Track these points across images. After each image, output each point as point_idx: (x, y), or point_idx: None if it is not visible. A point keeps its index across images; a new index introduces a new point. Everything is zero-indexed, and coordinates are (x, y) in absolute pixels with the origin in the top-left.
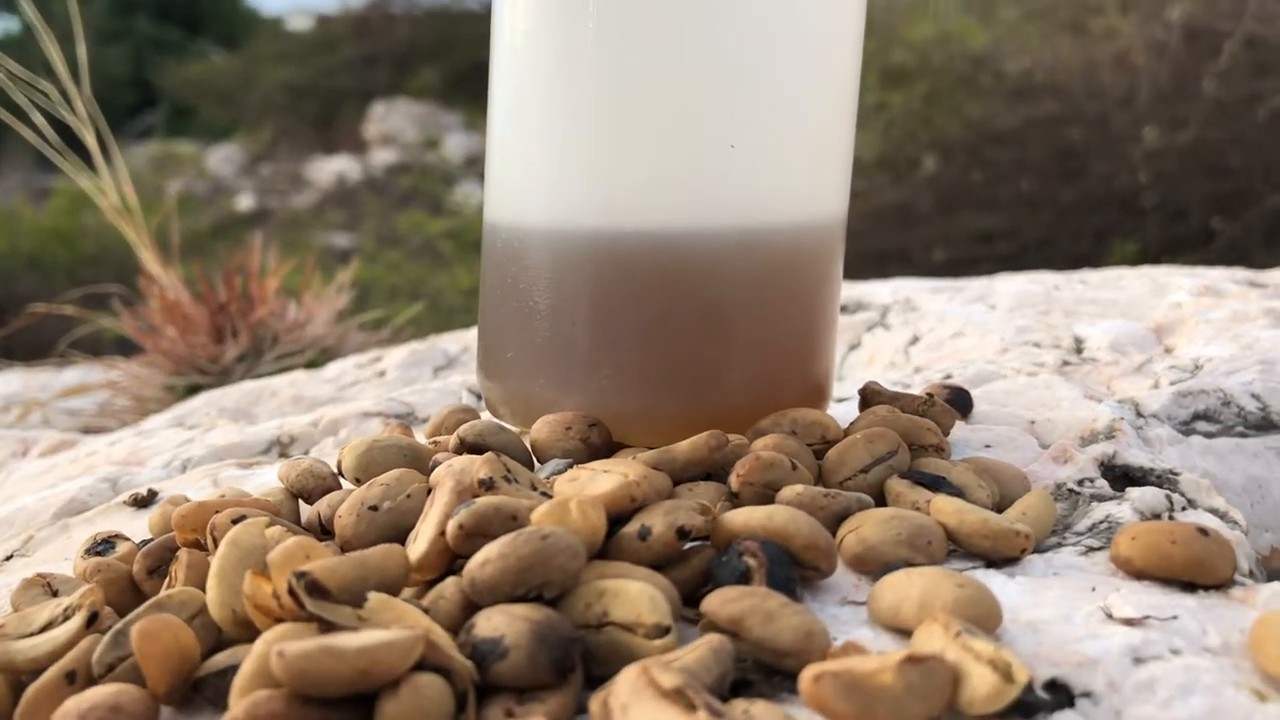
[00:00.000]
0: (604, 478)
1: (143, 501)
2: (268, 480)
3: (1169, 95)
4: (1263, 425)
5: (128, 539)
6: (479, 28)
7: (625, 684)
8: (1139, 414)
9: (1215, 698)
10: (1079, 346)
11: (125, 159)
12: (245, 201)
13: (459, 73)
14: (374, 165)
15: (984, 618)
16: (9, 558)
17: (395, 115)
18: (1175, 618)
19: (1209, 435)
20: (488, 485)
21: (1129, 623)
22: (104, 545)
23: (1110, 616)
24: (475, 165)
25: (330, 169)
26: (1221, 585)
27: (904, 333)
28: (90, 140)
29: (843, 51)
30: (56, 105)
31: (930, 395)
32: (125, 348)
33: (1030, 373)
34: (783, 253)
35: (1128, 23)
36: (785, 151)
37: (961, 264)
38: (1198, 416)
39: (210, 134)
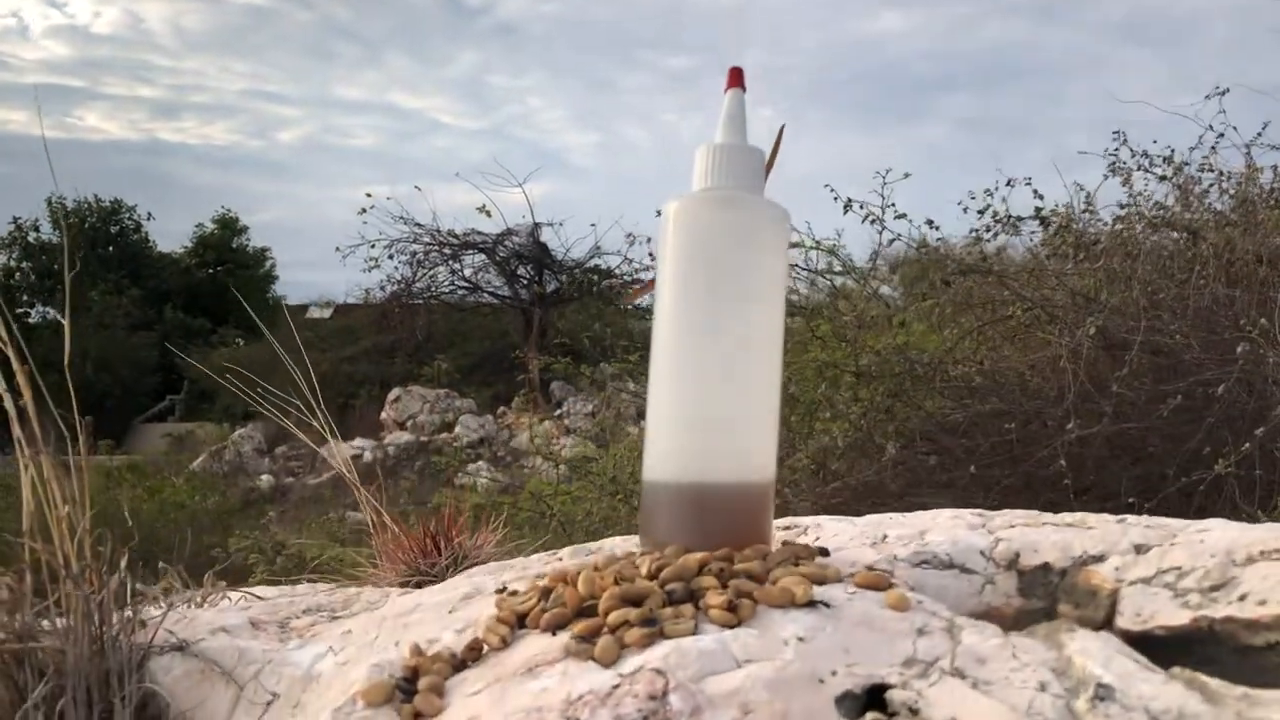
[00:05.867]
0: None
1: (500, 590)
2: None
3: (1089, 394)
4: (949, 565)
5: (516, 590)
6: (490, 321)
7: None
8: (895, 559)
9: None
10: (884, 537)
11: (145, 438)
12: (265, 480)
13: (472, 361)
14: (389, 447)
15: (811, 580)
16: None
17: (410, 400)
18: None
19: (925, 569)
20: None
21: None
22: (508, 591)
23: (845, 591)
24: (485, 445)
25: (347, 450)
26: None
27: (811, 535)
28: None
29: (776, 403)
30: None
31: (811, 546)
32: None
33: (856, 547)
34: (751, 489)
35: (1054, 333)
36: (752, 455)
37: None
38: (923, 561)
39: (230, 418)
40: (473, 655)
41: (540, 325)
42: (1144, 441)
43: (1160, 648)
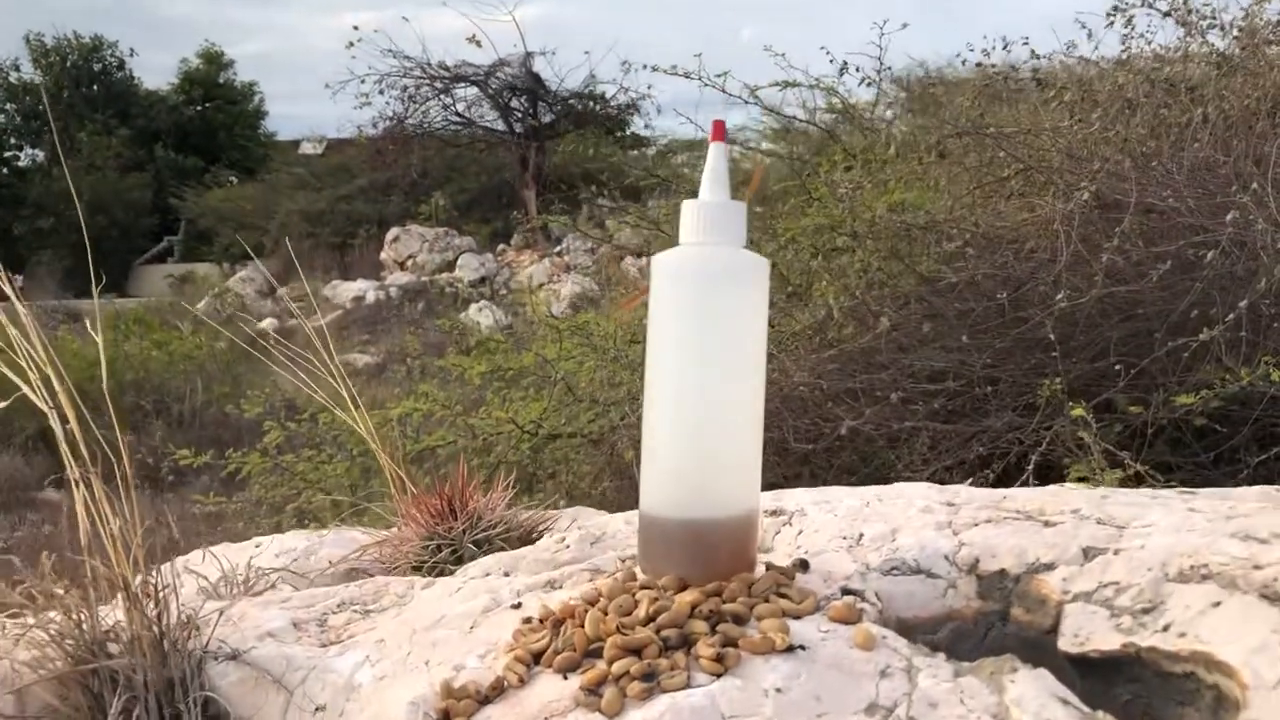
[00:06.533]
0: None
1: (515, 606)
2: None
3: (1081, 256)
4: (917, 571)
5: (530, 617)
6: (486, 156)
7: None
8: (868, 567)
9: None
10: (860, 537)
11: (145, 280)
12: (269, 323)
13: (469, 198)
14: (391, 287)
15: (790, 615)
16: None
17: (409, 239)
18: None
19: (895, 576)
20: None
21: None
22: (525, 617)
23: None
24: (486, 283)
25: (349, 291)
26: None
27: (796, 527)
28: None
29: (759, 436)
30: None
31: (792, 563)
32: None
33: (835, 552)
34: (739, 522)
35: (1047, 198)
36: (739, 490)
37: (914, 401)
38: (893, 568)
39: (228, 258)
40: (495, 692)
41: (536, 161)
42: (1133, 304)
43: (1097, 664)
